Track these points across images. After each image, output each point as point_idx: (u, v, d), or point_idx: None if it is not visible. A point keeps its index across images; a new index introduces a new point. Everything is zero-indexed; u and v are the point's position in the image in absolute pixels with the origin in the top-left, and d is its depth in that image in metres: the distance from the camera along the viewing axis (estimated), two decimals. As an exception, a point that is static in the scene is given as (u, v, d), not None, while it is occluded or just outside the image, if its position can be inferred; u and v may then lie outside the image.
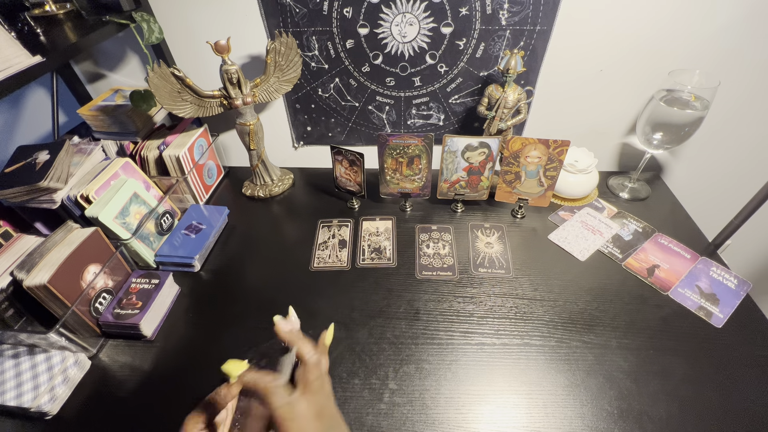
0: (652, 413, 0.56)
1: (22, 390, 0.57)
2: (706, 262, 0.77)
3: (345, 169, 0.87)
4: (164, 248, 0.79)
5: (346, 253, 0.81)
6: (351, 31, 0.83)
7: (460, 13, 0.78)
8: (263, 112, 0.99)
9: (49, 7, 0.78)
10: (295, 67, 0.86)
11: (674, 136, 0.81)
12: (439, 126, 0.98)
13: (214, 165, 1.01)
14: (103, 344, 0.67)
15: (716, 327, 0.66)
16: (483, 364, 0.62)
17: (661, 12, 0.75)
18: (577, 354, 0.63)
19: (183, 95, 0.79)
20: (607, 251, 0.80)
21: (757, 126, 0.87)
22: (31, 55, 0.58)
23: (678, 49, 0.80)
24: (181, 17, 0.84)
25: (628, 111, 0.91)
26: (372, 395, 0.59)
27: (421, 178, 0.86)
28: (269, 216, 0.94)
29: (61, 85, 0.91)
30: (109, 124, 0.86)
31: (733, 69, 0.80)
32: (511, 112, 0.82)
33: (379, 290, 0.74)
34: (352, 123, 0.99)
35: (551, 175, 0.80)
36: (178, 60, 0.90)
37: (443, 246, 0.82)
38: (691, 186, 0.98)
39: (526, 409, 0.57)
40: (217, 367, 0.35)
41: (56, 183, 0.69)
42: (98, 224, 0.70)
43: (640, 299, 0.71)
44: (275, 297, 0.74)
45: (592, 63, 0.84)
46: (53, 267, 0.59)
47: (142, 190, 0.78)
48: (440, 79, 0.89)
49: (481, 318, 0.69)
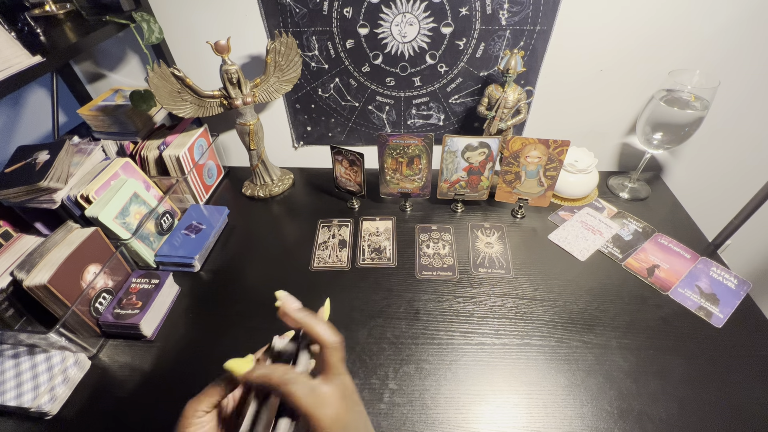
0: (652, 413, 0.56)
1: (22, 390, 0.57)
2: (706, 262, 0.77)
3: (345, 169, 0.87)
4: (164, 248, 0.79)
5: (346, 253, 0.81)
6: (351, 31, 0.82)
7: (460, 13, 0.78)
8: (263, 112, 0.99)
9: (49, 7, 0.78)
10: (295, 67, 0.86)
11: (674, 136, 0.81)
12: (439, 126, 0.98)
13: (214, 165, 1.01)
14: (103, 344, 0.67)
15: (716, 327, 0.66)
16: (483, 364, 0.62)
17: (661, 12, 0.75)
18: (577, 354, 0.63)
19: (183, 95, 0.79)
20: (607, 251, 0.80)
21: (757, 126, 0.87)
22: (31, 55, 0.58)
23: (678, 49, 0.80)
24: (181, 17, 0.84)
25: (628, 111, 0.91)
26: (372, 395, 0.59)
27: (421, 178, 0.86)
28: (269, 216, 0.94)
29: (61, 85, 0.91)
30: (109, 124, 0.86)
31: (733, 69, 0.80)
32: (511, 112, 0.82)
33: (379, 290, 0.74)
34: (352, 123, 0.99)
35: (551, 175, 0.80)
36: (178, 60, 0.90)
37: (443, 246, 0.82)
38: (691, 186, 0.98)
39: (526, 409, 0.57)
40: (217, 367, 0.35)
41: (56, 183, 0.69)
42: (98, 224, 0.70)
43: (640, 299, 0.71)
44: (275, 297, 0.73)
45: (592, 63, 0.84)
46: (53, 267, 0.59)
47: (142, 190, 0.78)
48: (440, 79, 0.89)
49: (481, 318, 0.69)
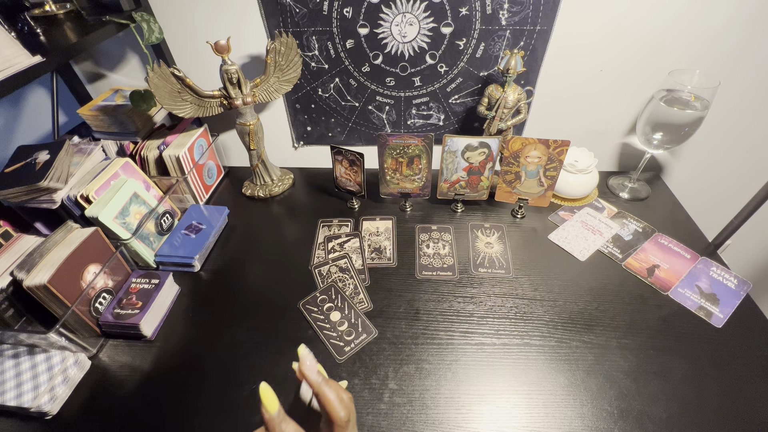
0: (652, 413, 0.56)
1: (22, 390, 0.57)
2: (706, 262, 0.76)
3: (345, 169, 0.87)
4: (164, 248, 0.79)
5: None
6: (351, 31, 0.82)
7: (460, 13, 0.78)
8: (263, 112, 0.99)
9: (49, 7, 0.78)
10: (295, 67, 0.86)
11: (674, 136, 0.81)
12: (439, 126, 0.98)
13: (214, 165, 1.01)
14: (103, 344, 0.67)
15: (716, 327, 0.66)
16: (483, 364, 0.62)
17: (662, 12, 0.75)
18: (577, 354, 0.63)
19: (183, 95, 0.79)
20: (607, 251, 0.80)
21: (757, 126, 0.87)
22: (31, 55, 0.58)
23: (678, 49, 0.80)
24: (181, 17, 0.84)
25: (628, 111, 0.91)
26: (372, 395, 0.59)
27: (421, 178, 0.86)
28: (269, 216, 0.94)
29: (61, 85, 0.91)
30: (109, 124, 0.86)
31: (733, 69, 0.80)
32: (511, 112, 0.82)
33: (379, 290, 0.74)
34: (352, 123, 0.99)
35: (551, 175, 0.80)
36: (178, 60, 0.90)
37: (443, 246, 0.82)
38: (691, 186, 0.98)
39: (526, 409, 0.57)
40: (217, 366, 0.35)
41: (56, 183, 0.69)
42: (98, 224, 0.70)
43: (640, 299, 0.71)
44: (275, 297, 0.74)
45: (592, 63, 0.84)
46: (53, 267, 0.59)
47: (142, 190, 0.78)
48: (440, 79, 0.89)
49: (481, 318, 0.69)
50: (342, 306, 0.70)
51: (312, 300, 0.72)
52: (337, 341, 0.65)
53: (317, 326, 0.68)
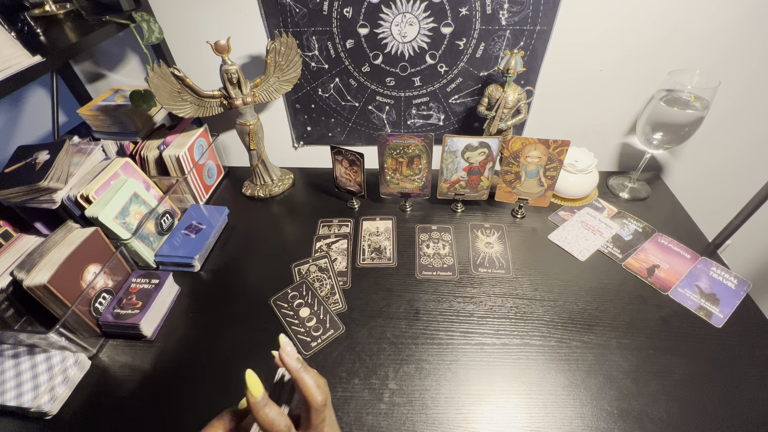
0: (652, 413, 0.56)
1: (22, 390, 0.57)
2: (706, 262, 0.77)
3: (345, 169, 0.87)
4: (164, 248, 0.79)
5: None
6: (351, 31, 0.82)
7: (460, 13, 0.78)
8: (263, 112, 0.99)
9: (49, 7, 0.78)
10: (295, 67, 0.86)
11: (674, 136, 0.81)
12: (439, 126, 0.98)
13: (214, 165, 1.01)
14: (103, 344, 0.67)
15: (716, 327, 0.66)
16: (483, 364, 0.62)
17: (661, 12, 0.75)
18: (577, 354, 0.63)
19: (183, 95, 0.79)
20: (607, 251, 0.80)
21: (757, 126, 0.87)
22: (31, 55, 0.58)
23: (678, 49, 0.80)
24: (181, 17, 0.84)
25: (628, 111, 0.91)
26: (372, 395, 0.59)
27: (421, 178, 0.86)
28: (269, 216, 0.94)
29: (61, 85, 0.91)
30: (109, 124, 0.86)
31: (733, 69, 0.80)
32: (511, 112, 0.82)
33: (379, 290, 0.74)
34: (352, 123, 0.99)
35: (551, 175, 0.80)
36: (178, 60, 0.90)
37: (443, 246, 0.82)
38: (691, 186, 0.98)
39: (526, 409, 0.57)
40: (217, 366, 0.35)
41: (56, 183, 0.69)
42: (98, 224, 0.70)
43: (640, 299, 0.71)
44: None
45: (592, 63, 0.84)
46: (53, 267, 0.59)
47: (142, 190, 0.78)
48: (440, 79, 0.89)
49: (481, 318, 0.69)
50: (312, 302, 0.71)
51: (283, 296, 0.73)
52: (305, 336, 0.66)
53: (286, 321, 0.69)
